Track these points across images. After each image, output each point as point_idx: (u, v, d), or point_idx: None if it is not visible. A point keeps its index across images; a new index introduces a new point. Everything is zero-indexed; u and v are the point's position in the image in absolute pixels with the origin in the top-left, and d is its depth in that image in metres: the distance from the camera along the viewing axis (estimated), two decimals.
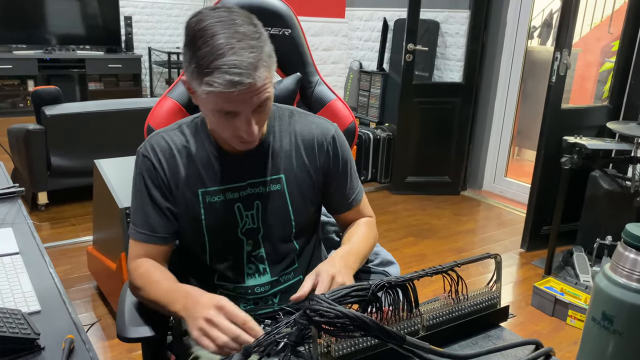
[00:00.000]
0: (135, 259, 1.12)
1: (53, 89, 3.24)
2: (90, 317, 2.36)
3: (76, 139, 3.26)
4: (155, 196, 1.11)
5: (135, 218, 1.13)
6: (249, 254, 1.16)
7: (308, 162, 1.17)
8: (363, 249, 1.17)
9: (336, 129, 1.21)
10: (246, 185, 1.13)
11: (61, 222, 3.31)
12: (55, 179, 3.34)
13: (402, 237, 3.30)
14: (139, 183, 1.12)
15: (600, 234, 2.85)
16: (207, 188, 1.12)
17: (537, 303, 2.61)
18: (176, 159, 1.11)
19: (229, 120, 1.01)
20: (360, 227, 1.24)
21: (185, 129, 1.15)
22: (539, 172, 3.08)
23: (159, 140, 1.13)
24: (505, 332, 1.06)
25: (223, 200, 1.12)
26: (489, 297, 1.06)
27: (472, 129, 4.20)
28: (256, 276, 1.16)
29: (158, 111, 1.33)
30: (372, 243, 1.24)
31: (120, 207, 2.08)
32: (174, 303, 1.00)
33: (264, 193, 1.14)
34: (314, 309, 0.78)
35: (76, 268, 2.76)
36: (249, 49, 0.95)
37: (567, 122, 3.01)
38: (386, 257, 1.44)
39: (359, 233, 1.21)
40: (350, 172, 1.22)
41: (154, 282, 1.07)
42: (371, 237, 1.24)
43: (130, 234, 1.14)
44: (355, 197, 1.24)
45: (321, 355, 0.86)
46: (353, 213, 1.26)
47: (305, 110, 1.26)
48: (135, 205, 1.13)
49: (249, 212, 1.14)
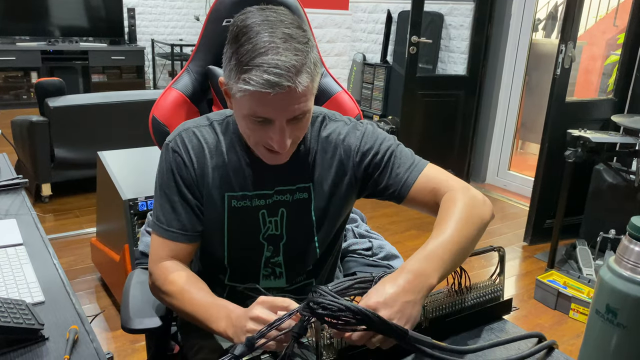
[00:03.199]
0: (161, 259, 1.07)
1: (56, 81, 3.24)
2: (94, 308, 2.37)
3: (80, 130, 3.26)
4: (185, 193, 1.06)
5: (162, 215, 1.07)
6: (268, 259, 1.13)
7: (338, 171, 1.10)
8: (449, 246, 0.90)
9: (367, 125, 1.13)
10: (273, 192, 1.08)
11: (65, 214, 3.32)
12: (59, 171, 3.34)
13: (404, 230, 3.29)
14: (168, 179, 1.06)
15: (604, 228, 2.83)
16: (234, 192, 1.07)
17: (539, 296, 2.61)
18: (206, 157, 1.06)
19: (261, 128, 0.95)
20: (446, 211, 0.97)
21: (217, 127, 1.09)
22: (543, 166, 3.07)
23: (190, 135, 1.07)
24: (508, 325, 1.06)
25: (248, 206, 1.08)
26: (492, 290, 1.05)
27: (476, 122, 4.18)
28: (272, 279, 1.14)
29: (163, 102, 1.32)
30: (470, 227, 0.95)
31: (124, 199, 2.09)
32: (216, 321, 0.94)
33: (290, 201, 1.09)
34: (317, 302, 0.78)
35: (80, 259, 2.77)
36: (293, 50, 0.89)
37: (572, 115, 3.00)
38: (390, 251, 1.44)
39: (442, 225, 0.94)
40: (393, 158, 1.08)
41: (187, 292, 1.01)
42: (464, 218, 0.94)
43: (155, 232, 1.08)
44: (409, 175, 1.06)
45: (324, 347, 0.86)
46: (420, 192, 1.06)
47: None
48: (162, 201, 1.07)
49: (273, 218, 1.10)
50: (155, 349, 1.20)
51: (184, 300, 1.01)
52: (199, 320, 0.98)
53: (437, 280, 0.86)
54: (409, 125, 3.97)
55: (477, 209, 0.99)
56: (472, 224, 0.95)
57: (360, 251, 1.42)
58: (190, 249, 1.10)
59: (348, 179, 1.11)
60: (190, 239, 1.09)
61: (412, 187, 1.06)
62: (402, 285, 0.82)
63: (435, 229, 0.93)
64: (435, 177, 1.06)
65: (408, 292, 0.82)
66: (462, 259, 0.94)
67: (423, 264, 0.86)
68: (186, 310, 1.00)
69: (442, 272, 0.87)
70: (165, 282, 1.05)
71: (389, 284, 0.82)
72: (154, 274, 1.08)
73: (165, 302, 1.07)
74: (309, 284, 1.17)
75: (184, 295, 1.01)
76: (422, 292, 0.83)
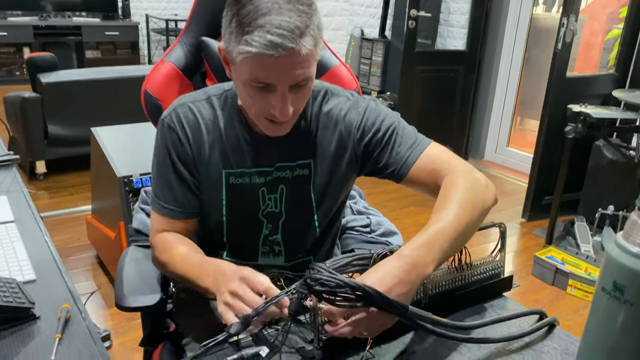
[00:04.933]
0: (159, 233, 1.07)
1: (48, 56, 3.18)
2: (90, 286, 2.36)
3: (73, 107, 3.22)
4: (181, 171, 1.04)
5: (160, 192, 1.06)
6: (266, 237, 1.11)
7: (339, 148, 1.07)
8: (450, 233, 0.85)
9: (370, 101, 1.09)
10: (273, 169, 1.06)
11: (60, 192, 3.29)
12: (52, 148, 3.31)
13: (403, 207, 3.28)
14: (164, 156, 1.04)
15: (602, 204, 2.84)
16: (232, 169, 1.05)
17: (537, 272, 2.61)
18: (203, 134, 1.03)
19: (262, 96, 0.91)
20: (447, 195, 0.92)
21: (215, 101, 1.05)
22: (542, 142, 3.05)
23: (186, 111, 1.04)
24: (509, 302, 1.05)
25: (247, 184, 1.06)
26: (493, 266, 1.04)
27: (475, 98, 4.14)
28: (270, 256, 1.12)
29: (155, 75, 1.28)
30: (471, 213, 0.90)
31: (118, 175, 2.06)
32: (204, 277, 0.93)
33: (290, 177, 1.07)
34: (314, 278, 0.76)
35: (75, 237, 2.75)
36: (297, 12, 0.86)
37: (572, 91, 2.96)
38: (389, 228, 1.42)
39: (443, 210, 0.89)
40: (395, 136, 1.04)
41: (180, 255, 1.01)
42: (465, 204, 0.90)
43: (153, 207, 1.08)
44: (410, 155, 1.02)
45: (322, 325, 0.84)
46: (421, 173, 1.01)
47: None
48: (159, 178, 1.06)
49: (273, 195, 1.07)
50: (151, 327, 1.19)
51: (177, 264, 1.01)
52: (191, 280, 0.97)
53: (434, 269, 0.83)
54: (407, 101, 3.92)
55: (479, 193, 0.94)
56: (474, 209, 0.91)
57: (359, 228, 1.40)
58: (189, 225, 1.09)
59: (348, 156, 1.08)
60: (188, 216, 1.08)
61: (412, 167, 1.02)
62: (398, 276, 0.78)
63: (435, 214, 0.89)
64: (437, 158, 1.02)
65: (404, 283, 0.78)
66: (462, 245, 0.91)
67: (422, 252, 0.81)
68: (181, 274, 1.00)
69: (439, 260, 0.84)
70: (163, 250, 1.05)
71: (386, 276, 0.78)
72: (153, 245, 1.08)
73: (164, 270, 1.07)
74: (307, 261, 1.15)
75: (178, 260, 1.01)
76: (417, 283, 0.80)
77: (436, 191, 0.97)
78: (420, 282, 0.82)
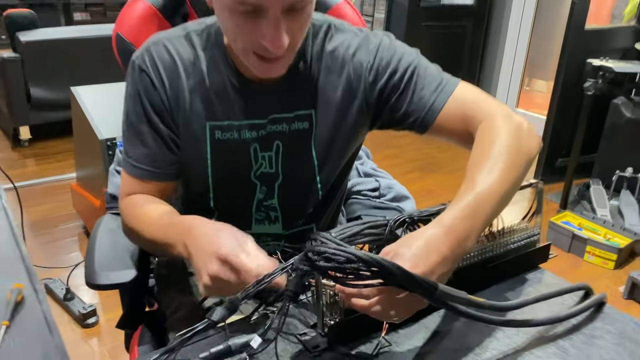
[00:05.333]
0: (128, 195, 0.91)
1: (27, 13, 2.97)
2: (77, 257, 2.22)
3: (56, 67, 3.04)
4: (155, 122, 0.87)
5: (131, 148, 0.90)
6: (260, 202, 0.94)
7: (346, 95, 0.90)
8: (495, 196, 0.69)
9: (383, 36, 0.91)
10: (267, 122, 0.88)
11: (46, 158, 3.15)
12: (36, 112, 3.15)
13: (407, 172, 3.12)
14: (135, 104, 0.88)
15: (620, 166, 2.72)
16: (218, 122, 0.88)
17: (552, 239, 2.46)
18: (181, 78, 0.87)
19: (250, 23, 0.74)
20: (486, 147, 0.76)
21: (195, 39, 0.88)
22: (557, 100, 2.86)
23: (161, 51, 0.87)
24: (546, 275, 0.90)
25: (236, 139, 0.89)
26: (528, 233, 0.88)
27: (483, 56, 3.97)
28: (266, 223, 0.96)
29: (128, 16, 1.09)
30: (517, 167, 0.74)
31: (100, 138, 1.90)
32: (174, 244, 0.77)
33: (287, 132, 0.90)
34: (317, 251, 0.60)
35: (62, 206, 2.61)
36: None
37: (590, 44, 2.77)
38: (400, 191, 1.26)
39: (484, 166, 0.73)
40: (416, 77, 0.88)
41: (149, 219, 0.85)
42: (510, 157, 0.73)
43: (124, 168, 0.91)
44: (437, 99, 0.86)
45: (327, 307, 0.69)
46: (450, 120, 0.86)
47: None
48: (130, 132, 0.89)
49: (267, 153, 0.91)
50: (129, 306, 1.04)
51: (146, 230, 0.84)
52: (161, 247, 0.81)
53: (474, 244, 0.68)
54: None
55: (523, 142, 0.78)
56: (520, 163, 0.75)
57: (366, 192, 1.23)
58: (164, 188, 0.92)
59: (358, 104, 0.91)
60: (164, 177, 0.91)
61: (439, 113, 0.86)
62: (443, 252, 0.63)
63: (475, 172, 0.72)
64: (469, 101, 0.86)
65: (447, 262, 0.63)
66: (503, 209, 0.74)
67: (466, 223, 0.66)
68: (150, 239, 0.83)
69: (482, 231, 0.70)
70: (128, 216, 0.89)
71: (428, 251, 0.62)
72: (122, 210, 0.91)
73: (133, 239, 0.91)
74: (308, 230, 0.99)
75: (146, 224, 0.85)
76: (457, 261, 0.66)
77: (469, 141, 0.82)
78: (459, 261, 0.66)
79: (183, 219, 0.80)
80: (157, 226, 0.83)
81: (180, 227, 0.78)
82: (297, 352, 0.69)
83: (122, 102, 0.94)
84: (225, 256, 0.68)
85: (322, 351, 0.68)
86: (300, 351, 0.69)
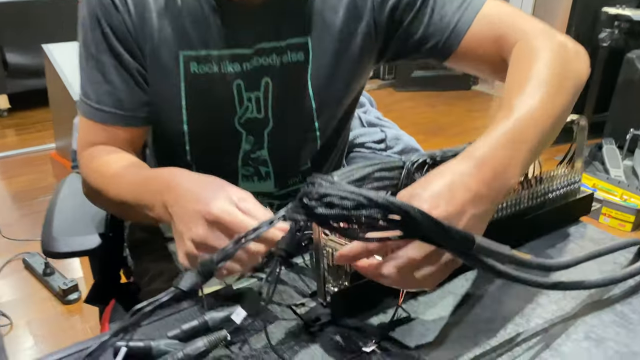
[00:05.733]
0: (89, 147, 0.76)
1: None
2: None
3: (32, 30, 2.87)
4: (119, 51, 0.72)
5: (89, 86, 0.74)
6: (247, 154, 0.79)
7: (349, 17, 0.75)
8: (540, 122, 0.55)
9: None
10: (253, 52, 0.74)
11: (27, 128, 3.03)
12: (14, 80, 3.01)
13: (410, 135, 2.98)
14: (93, 30, 0.72)
15: (634, 125, 2.57)
16: (192, 51, 0.73)
17: None
18: None
19: None
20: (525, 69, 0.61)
21: None
22: None
23: None
24: (589, 228, 0.76)
25: (216, 74, 0.74)
26: (569, 180, 0.74)
27: None
28: (255, 180, 0.81)
29: None
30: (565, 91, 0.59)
31: (75, 99, 1.73)
32: (150, 205, 0.61)
33: (277, 66, 0.75)
34: (316, 195, 0.45)
35: (42, 177, 2.51)
36: None
37: None
38: (409, 143, 1.12)
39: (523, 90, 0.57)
40: None
41: (117, 174, 0.70)
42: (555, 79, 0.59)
43: (82, 112, 0.76)
44: (461, 18, 0.72)
45: (329, 270, 0.55)
46: (478, 42, 0.72)
47: None
48: (89, 67, 0.74)
49: (253, 93, 0.76)
50: (98, 278, 0.89)
51: (112, 188, 0.69)
52: (133, 208, 0.65)
53: (519, 178, 0.55)
54: None
55: (570, 62, 0.63)
56: (567, 87, 0.60)
57: (370, 144, 1.09)
58: (133, 136, 0.77)
59: (364, 28, 0.76)
60: (132, 122, 0.75)
61: (465, 34, 0.72)
62: (473, 189, 0.49)
63: (512, 97, 0.57)
64: (501, 19, 0.71)
65: (481, 200, 0.49)
66: (552, 141, 0.59)
67: (505, 153, 0.51)
68: (118, 201, 0.68)
69: (528, 164, 0.55)
70: (89, 173, 0.73)
71: (454, 187, 0.48)
72: (80, 167, 0.77)
73: (97, 203, 0.77)
74: None
75: (113, 181, 0.69)
76: (499, 200, 0.52)
77: (502, 68, 0.68)
78: (502, 199, 0.53)
79: (160, 172, 0.64)
80: (127, 183, 0.67)
81: (157, 182, 0.61)
82: (292, 327, 0.54)
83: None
84: (217, 216, 0.52)
85: (323, 325, 0.54)
86: (296, 326, 0.55)
